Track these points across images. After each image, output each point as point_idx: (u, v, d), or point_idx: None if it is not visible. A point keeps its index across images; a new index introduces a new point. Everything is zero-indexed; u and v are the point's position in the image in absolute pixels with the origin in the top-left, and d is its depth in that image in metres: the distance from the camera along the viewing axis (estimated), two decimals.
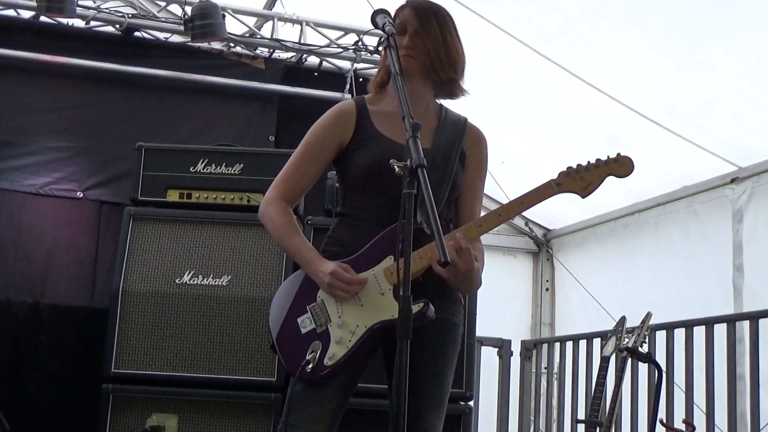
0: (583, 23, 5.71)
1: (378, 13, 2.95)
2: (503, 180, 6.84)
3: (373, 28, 3.02)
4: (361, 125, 3.01)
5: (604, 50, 5.84)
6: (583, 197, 2.92)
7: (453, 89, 3.07)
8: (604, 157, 2.91)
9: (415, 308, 2.66)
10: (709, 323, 5.20)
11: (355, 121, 3.02)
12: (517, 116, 6.98)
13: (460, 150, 3.05)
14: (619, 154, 2.91)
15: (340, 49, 6.49)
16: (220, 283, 4.65)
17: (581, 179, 2.90)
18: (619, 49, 5.75)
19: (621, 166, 2.91)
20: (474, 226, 2.86)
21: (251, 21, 6.50)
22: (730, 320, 5.09)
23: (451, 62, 3.00)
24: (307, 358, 2.80)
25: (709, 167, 6.24)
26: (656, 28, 5.41)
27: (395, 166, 2.46)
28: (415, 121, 2.55)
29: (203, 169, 4.93)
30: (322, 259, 2.90)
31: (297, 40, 6.47)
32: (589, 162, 2.92)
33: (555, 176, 2.91)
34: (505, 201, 7.26)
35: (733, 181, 6.10)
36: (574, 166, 2.91)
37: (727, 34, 5.15)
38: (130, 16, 6.19)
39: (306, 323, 2.87)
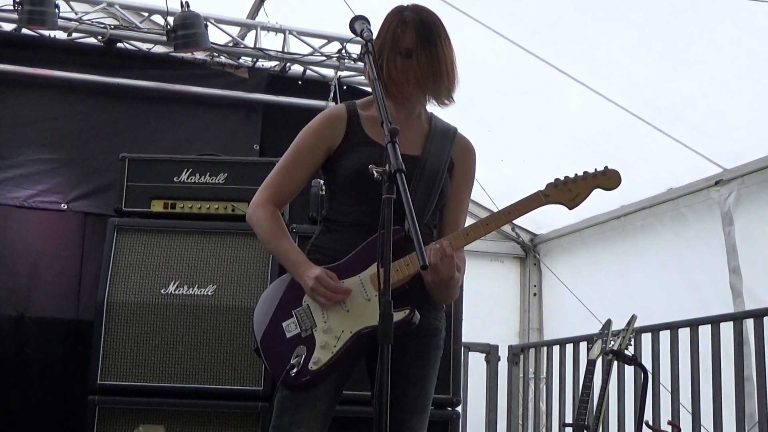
0: (568, 19, 5.74)
1: (356, 19, 2.96)
2: (488, 179, 6.83)
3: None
4: (351, 130, 3.02)
5: (589, 46, 5.88)
6: (570, 209, 2.94)
7: (443, 101, 3.08)
8: (591, 170, 2.93)
9: (401, 315, 2.69)
10: (693, 325, 5.22)
11: (345, 126, 3.03)
12: (501, 113, 7.00)
13: (449, 159, 3.06)
14: (606, 167, 2.93)
15: (324, 58, 6.50)
16: (205, 293, 4.64)
17: (569, 191, 2.91)
18: (604, 44, 5.78)
19: (608, 179, 2.93)
20: (461, 234, 2.88)
21: (234, 30, 6.50)
22: (715, 321, 5.11)
23: (451, 88, 3.03)
24: (292, 362, 2.81)
25: (694, 168, 6.28)
26: (641, 22, 5.44)
27: (374, 171, 2.46)
28: (393, 126, 2.55)
29: (187, 178, 4.92)
30: (308, 264, 2.90)
31: (280, 49, 6.47)
32: (576, 174, 2.93)
33: (543, 187, 2.93)
34: (487, 202, 7.38)
35: (717, 183, 6.12)
36: (562, 178, 2.92)
37: (712, 28, 5.18)
38: (113, 27, 6.18)
39: (291, 327, 2.88)
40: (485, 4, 5.87)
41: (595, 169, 2.93)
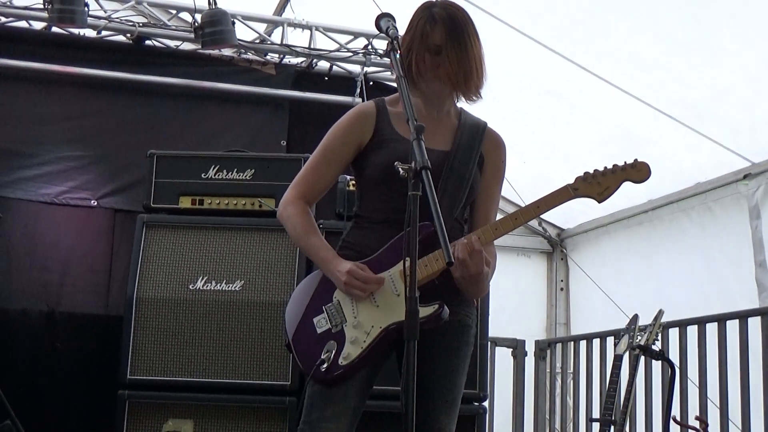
0: (592, 17, 5.71)
1: (382, 17, 2.98)
2: (516, 175, 6.83)
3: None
4: (380, 127, 3.03)
5: (615, 43, 5.84)
6: (599, 202, 2.93)
7: (471, 97, 3.08)
8: (621, 163, 2.92)
9: (430, 310, 2.71)
10: (721, 320, 5.20)
11: (374, 123, 3.04)
12: (528, 112, 6.98)
13: (479, 154, 3.06)
14: (636, 160, 2.92)
15: (350, 54, 6.52)
16: (233, 289, 4.67)
17: (598, 184, 2.91)
18: (630, 41, 5.74)
19: (638, 172, 2.91)
20: (490, 229, 2.88)
21: (261, 27, 6.54)
22: (743, 316, 5.08)
23: (479, 85, 3.02)
24: (322, 357, 2.82)
25: (722, 162, 6.23)
26: (667, 18, 5.39)
27: (400, 168, 2.48)
28: (418, 124, 2.56)
29: (215, 175, 4.95)
30: (339, 259, 2.92)
31: (307, 45, 6.50)
32: (605, 167, 2.93)
33: (571, 181, 2.92)
34: (515, 197, 7.38)
35: (745, 177, 6.08)
36: (591, 171, 2.92)
37: (739, 22, 5.14)
38: (141, 24, 6.24)
39: (322, 323, 2.90)
40: (509, 3, 5.85)
41: (625, 162, 2.92)
